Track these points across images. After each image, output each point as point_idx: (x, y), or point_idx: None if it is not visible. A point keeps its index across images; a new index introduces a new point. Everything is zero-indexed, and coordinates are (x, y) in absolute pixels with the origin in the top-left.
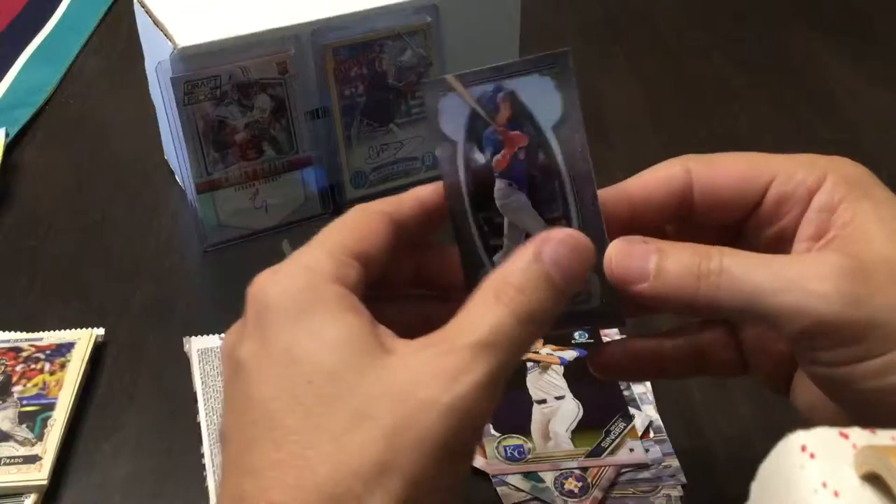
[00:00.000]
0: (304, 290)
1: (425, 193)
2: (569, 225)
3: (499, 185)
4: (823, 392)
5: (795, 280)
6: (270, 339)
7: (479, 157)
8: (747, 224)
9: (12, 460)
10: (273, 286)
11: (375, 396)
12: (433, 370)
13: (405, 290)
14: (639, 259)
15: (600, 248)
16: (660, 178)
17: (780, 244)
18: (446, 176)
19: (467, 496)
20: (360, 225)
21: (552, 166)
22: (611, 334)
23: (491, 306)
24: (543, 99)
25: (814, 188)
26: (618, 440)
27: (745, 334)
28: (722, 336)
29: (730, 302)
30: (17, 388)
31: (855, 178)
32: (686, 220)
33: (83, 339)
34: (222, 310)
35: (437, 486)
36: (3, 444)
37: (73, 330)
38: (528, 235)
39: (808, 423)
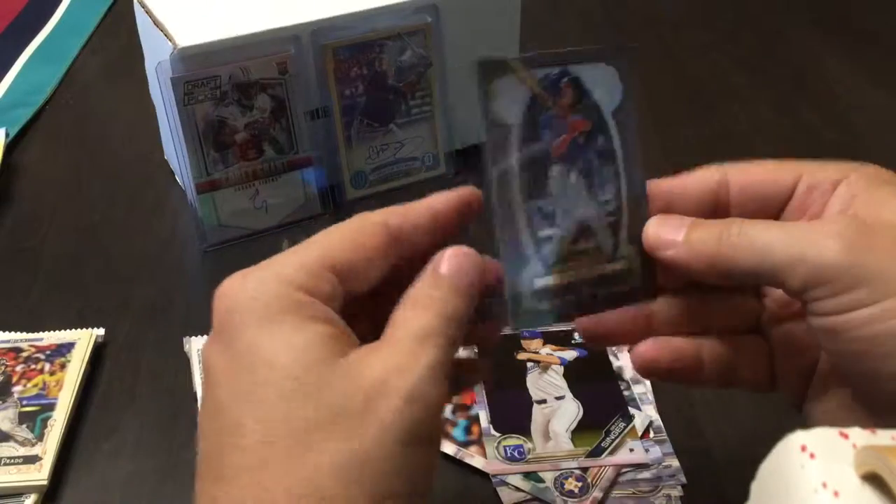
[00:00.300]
0: (270, 297)
1: (439, 203)
2: (619, 206)
3: (556, 170)
4: (824, 347)
5: (803, 234)
6: (234, 344)
7: (535, 143)
8: (780, 218)
9: (12, 460)
10: (240, 291)
11: (336, 394)
12: (386, 364)
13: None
14: (672, 229)
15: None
16: (696, 176)
17: None
18: (495, 162)
19: (464, 494)
20: (347, 234)
21: (610, 151)
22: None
23: (418, 311)
24: (606, 87)
25: (837, 181)
26: (618, 440)
27: (776, 342)
28: (754, 347)
29: (744, 261)
30: (17, 389)
31: (877, 176)
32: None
33: (83, 339)
34: None
35: (408, 472)
36: (3, 444)
37: (73, 330)
38: (579, 224)
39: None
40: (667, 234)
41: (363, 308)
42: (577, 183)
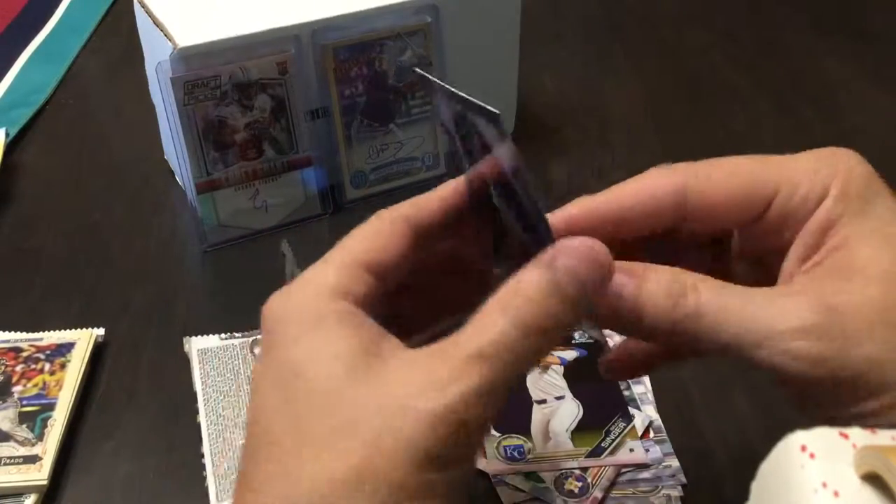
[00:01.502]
0: (306, 308)
1: (447, 192)
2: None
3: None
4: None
5: (769, 336)
6: (274, 356)
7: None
8: (740, 234)
9: (12, 460)
10: (280, 305)
11: (362, 405)
12: (423, 379)
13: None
14: (615, 287)
15: None
16: (652, 191)
17: (770, 257)
18: (462, 169)
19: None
20: (374, 234)
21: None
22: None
23: (496, 316)
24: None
25: (815, 205)
26: (618, 440)
27: None
28: None
29: (708, 346)
30: (17, 389)
31: (859, 188)
32: (673, 231)
33: (83, 339)
34: (222, 310)
35: (423, 494)
36: (3, 444)
37: (73, 330)
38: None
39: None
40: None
41: (389, 303)
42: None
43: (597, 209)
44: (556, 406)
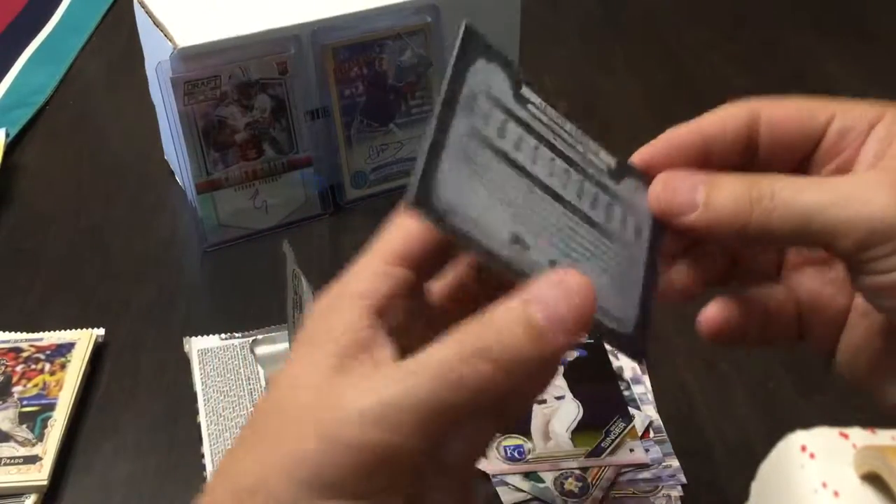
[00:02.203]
0: (322, 313)
1: None
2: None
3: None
4: (875, 305)
5: (848, 194)
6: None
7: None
8: (811, 163)
9: (12, 460)
10: (314, 309)
11: (282, 418)
12: (338, 395)
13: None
14: (686, 191)
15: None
16: (728, 116)
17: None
18: None
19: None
20: (401, 228)
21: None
22: None
23: (443, 342)
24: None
25: (874, 121)
26: (618, 440)
27: (800, 294)
28: (779, 297)
29: (783, 225)
30: (17, 389)
31: None
32: (751, 164)
33: (83, 339)
34: (222, 310)
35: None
36: (4, 444)
37: (73, 330)
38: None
39: (849, 384)
40: (681, 196)
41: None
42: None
43: (680, 141)
44: (556, 406)
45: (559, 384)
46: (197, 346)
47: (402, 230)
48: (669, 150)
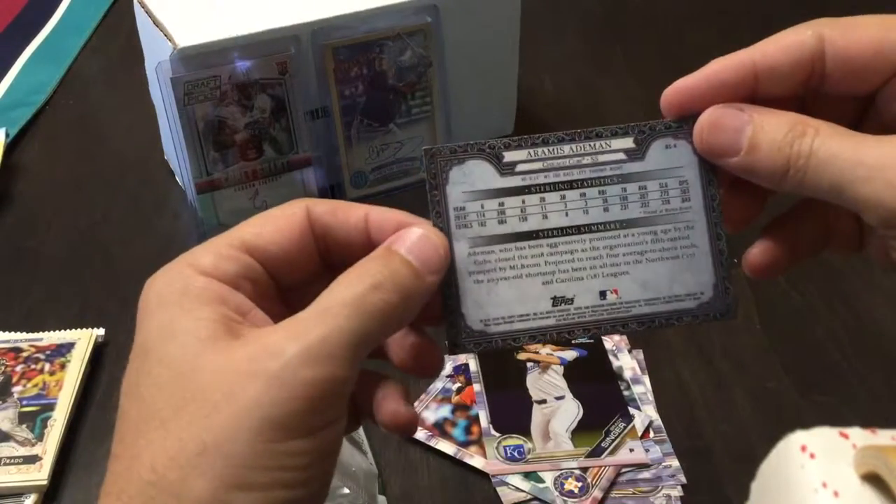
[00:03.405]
0: (170, 286)
1: (376, 214)
2: None
3: None
4: None
5: (877, 169)
6: (137, 334)
7: None
8: (882, 93)
9: (12, 460)
10: (149, 285)
11: (207, 377)
12: (264, 345)
13: None
14: (733, 131)
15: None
16: (789, 45)
17: None
18: None
19: (464, 494)
20: (267, 218)
21: None
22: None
23: (341, 284)
24: None
25: None
26: (618, 440)
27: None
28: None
29: (815, 186)
30: (17, 389)
31: None
32: (817, 90)
33: (83, 339)
34: None
35: (266, 465)
36: (3, 444)
37: (73, 330)
38: None
39: None
40: (725, 135)
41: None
42: None
43: (740, 63)
44: (556, 406)
45: (559, 384)
46: None
47: (257, 226)
48: (709, 89)
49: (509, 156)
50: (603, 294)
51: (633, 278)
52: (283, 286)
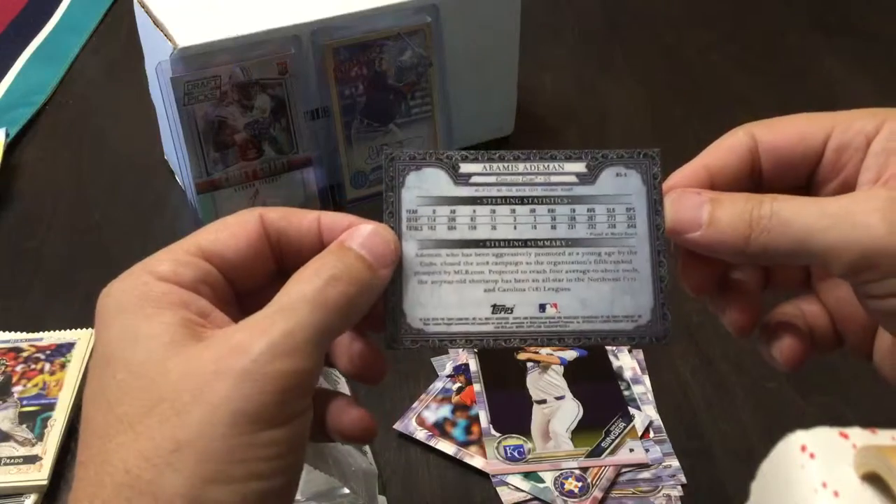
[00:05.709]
0: (129, 292)
1: (328, 219)
2: None
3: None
4: (882, 325)
5: (841, 216)
6: (96, 342)
7: None
8: (814, 181)
9: (12, 460)
10: (106, 291)
11: (174, 379)
12: (230, 345)
13: None
14: (692, 209)
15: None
16: (731, 146)
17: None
18: None
19: (464, 494)
20: (222, 225)
21: None
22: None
23: (300, 279)
24: None
25: (871, 135)
26: (618, 440)
27: (829, 303)
28: (815, 308)
29: (780, 245)
30: (17, 389)
31: None
32: (758, 187)
33: (83, 339)
34: None
35: (241, 458)
36: (3, 444)
37: (73, 330)
38: None
39: (892, 384)
40: (686, 213)
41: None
42: None
43: (686, 181)
44: (556, 406)
45: (559, 384)
46: None
47: (213, 232)
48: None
49: (465, 167)
50: (543, 307)
51: (573, 295)
52: (239, 292)
